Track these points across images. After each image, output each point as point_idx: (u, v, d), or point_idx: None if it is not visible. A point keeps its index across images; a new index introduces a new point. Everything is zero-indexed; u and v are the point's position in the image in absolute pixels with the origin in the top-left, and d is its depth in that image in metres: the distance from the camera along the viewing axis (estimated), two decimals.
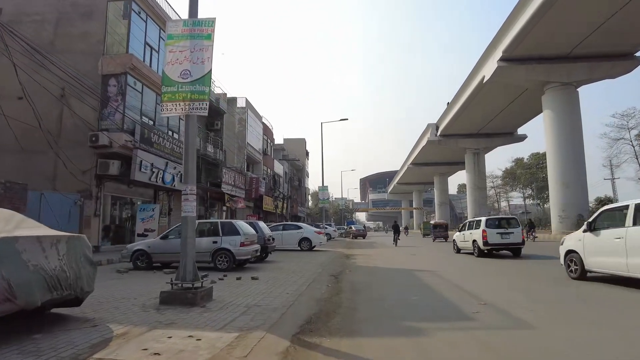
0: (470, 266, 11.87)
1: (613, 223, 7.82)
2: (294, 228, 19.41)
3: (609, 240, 7.53)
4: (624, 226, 7.19)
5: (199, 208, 25.17)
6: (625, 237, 7.09)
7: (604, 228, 7.90)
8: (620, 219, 7.50)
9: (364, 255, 16.80)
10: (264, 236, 12.57)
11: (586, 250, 8.15)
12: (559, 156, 27.49)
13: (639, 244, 6.78)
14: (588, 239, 8.14)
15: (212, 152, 24.76)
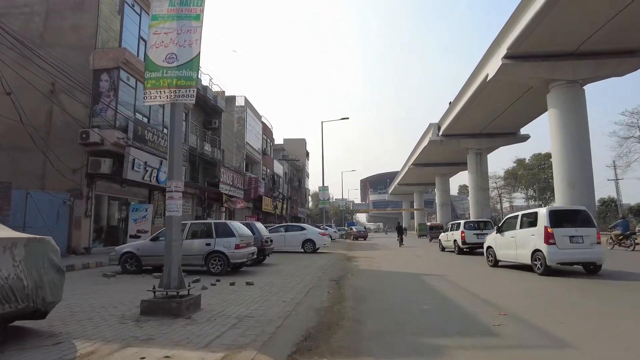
0: (476, 269, 11.23)
1: (510, 227, 11.22)
2: (297, 229, 18.78)
3: (507, 238, 11.12)
4: (515, 229, 10.85)
5: (196, 209, 24.57)
6: (515, 236, 10.78)
7: (506, 230, 11.36)
8: (514, 224, 11.05)
9: (366, 257, 16.15)
10: (261, 238, 11.92)
11: (497, 245, 11.68)
12: (565, 156, 26.82)
13: (522, 240, 10.42)
14: (498, 238, 11.64)
15: (210, 151, 24.12)
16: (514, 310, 5.49)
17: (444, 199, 67.16)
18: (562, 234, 9.51)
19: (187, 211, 23.23)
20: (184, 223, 10.26)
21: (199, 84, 23.10)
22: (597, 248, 9.70)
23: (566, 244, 9.47)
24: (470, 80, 36.75)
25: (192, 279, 8.50)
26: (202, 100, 24.17)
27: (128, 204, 17.56)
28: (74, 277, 9.51)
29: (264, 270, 10.78)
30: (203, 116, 25.82)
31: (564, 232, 9.55)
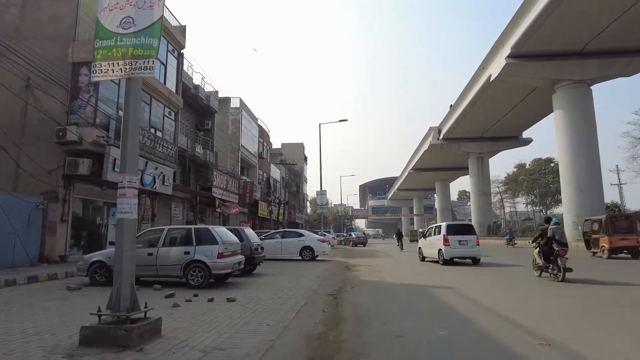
0: (488, 281, 10.07)
1: (429, 234, 16.47)
2: (295, 235, 17.61)
3: (428, 242, 16.28)
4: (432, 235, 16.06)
5: (187, 214, 23.38)
6: (431, 241, 16.01)
7: (428, 236, 16.71)
8: (431, 232, 16.34)
9: (366, 265, 14.97)
10: (251, 245, 10.76)
11: (423, 247, 17.12)
12: (572, 158, 25.80)
13: (434, 243, 15.41)
14: (424, 242, 17.24)
15: (202, 153, 22.97)
16: (555, 338, 4.34)
17: (444, 204, 66.10)
18: (454, 239, 14.66)
19: (178, 216, 22.06)
20: (160, 229, 9.14)
21: (190, 83, 22.03)
22: (476, 248, 14.75)
23: (456, 245, 14.64)
24: (472, 82, 35.86)
25: (166, 293, 7.34)
26: (194, 100, 23.08)
27: (110, 207, 16.38)
28: (33, 290, 8.34)
29: (253, 282, 9.60)
30: (195, 117, 24.72)
31: (455, 238, 14.69)
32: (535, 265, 10.11)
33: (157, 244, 8.61)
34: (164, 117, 18.57)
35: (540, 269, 9.88)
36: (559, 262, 9.09)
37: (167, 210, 21.08)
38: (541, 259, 9.71)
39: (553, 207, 75.37)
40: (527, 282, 9.45)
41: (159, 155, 17.36)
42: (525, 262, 12.93)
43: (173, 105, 19.26)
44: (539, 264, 9.81)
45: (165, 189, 17.76)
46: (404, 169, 76.81)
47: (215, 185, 24.48)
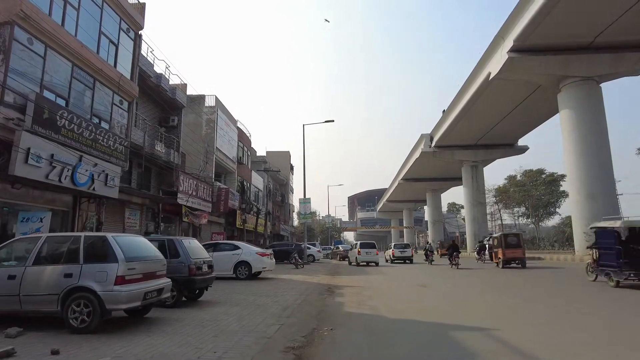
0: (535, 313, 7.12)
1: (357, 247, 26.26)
2: (229, 248, 14.55)
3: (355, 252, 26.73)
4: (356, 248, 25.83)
5: (146, 223, 20.07)
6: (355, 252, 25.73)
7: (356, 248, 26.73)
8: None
9: (354, 287, 11.90)
10: (189, 263, 7.63)
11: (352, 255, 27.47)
12: (582, 163, 23.28)
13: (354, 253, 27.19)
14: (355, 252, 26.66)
15: (164, 152, 19.81)
16: None
17: (435, 216, 63.49)
18: (364, 251, 25.35)
19: (134, 226, 18.74)
20: (35, 237, 5.99)
21: (150, 71, 18.97)
22: (376, 256, 25.57)
23: (364, 254, 25.20)
24: (467, 84, 33.50)
25: (4, 347, 4.19)
26: (156, 92, 20.01)
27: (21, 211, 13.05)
28: None
29: (184, 318, 6.50)
30: (159, 112, 21.60)
31: (364, 250, 25.37)
32: None
33: (26, 261, 5.45)
34: (112, 105, 15.44)
35: None
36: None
37: (119, 218, 17.79)
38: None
39: (545, 219, 73.61)
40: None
41: (102, 149, 14.19)
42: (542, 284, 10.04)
43: (126, 93, 16.17)
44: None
45: (108, 191, 14.52)
46: (394, 180, 74.29)
47: (181, 190, 21.26)
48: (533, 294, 9.61)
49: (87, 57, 13.57)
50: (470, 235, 44.51)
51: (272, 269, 14.60)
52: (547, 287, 10.83)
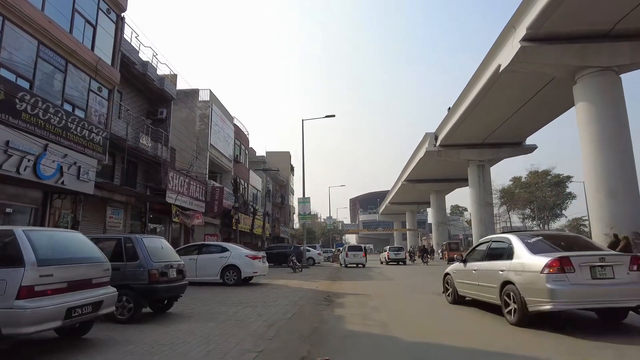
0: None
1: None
2: (216, 250, 13.01)
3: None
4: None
5: (131, 223, 18.55)
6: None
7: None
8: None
9: (357, 295, 10.29)
10: (150, 267, 6.07)
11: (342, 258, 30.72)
12: (601, 159, 21.63)
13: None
14: (342, 255, 30.83)
15: (150, 146, 18.29)
16: None
17: (440, 217, 61.74)
18: (351, 253, 28.96)
19: (116, 226, 17.22)
20: None
21: (135, 57, 17.47)
22: (362, 258, 28.90)
23: (352, 257, 28.67)
24: (474, 79, 31.88)
25: None
26: (142, 82, 18.52)
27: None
28: None
29: (133, 338, 4.98)
30: (146, 104, 20.13)
31: (352, 253, 29.06)
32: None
33: None
34: (89, 92, 13.95)
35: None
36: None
37: (100, 216, 16.27)
38: None
39: (551, 221, 71.85)
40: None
41: (75, 139, 12.69)
42: None
43: (105, 79, 14.69)
44: None
45: (81, 186, 12.99)
46: (397, 181, 72.63)
47: (170, 188, 19.74)
48: None
49: (56, 35, 12.07)
50: (476, 237, 42.72)
51: (264, 273, 13.04)
52: None
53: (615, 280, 5.56)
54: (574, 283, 5.43)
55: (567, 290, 5.41)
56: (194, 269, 12.26)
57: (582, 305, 5.64)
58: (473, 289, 7.42)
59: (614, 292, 5.56)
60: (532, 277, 5.72)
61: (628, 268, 5.64)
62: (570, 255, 5.66)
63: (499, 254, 6.86)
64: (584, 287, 5.48)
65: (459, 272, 8.03)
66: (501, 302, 6.30)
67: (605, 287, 5.52)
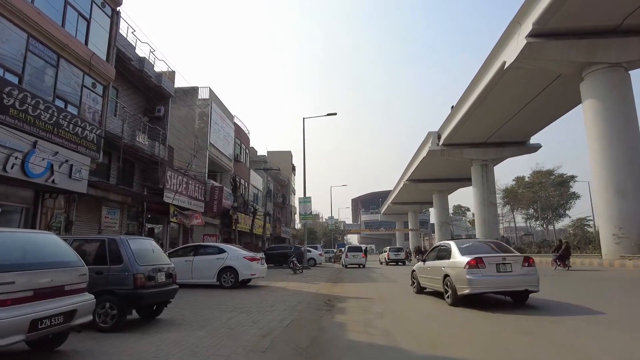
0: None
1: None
2: (213, 252, 12.46)
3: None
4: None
5: (127, 223, 18.13)
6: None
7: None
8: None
9: (359, 299, 9.80)
10: (135, 271, 5.61)
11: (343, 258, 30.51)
12: (610, 157, 21.12)
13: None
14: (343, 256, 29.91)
15: (147, 144, 17.86)
16: None
17: (443, 217, 61.20)
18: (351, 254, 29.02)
19: (112, 226, 16.80)
20: None
21: (131, 53, 17.03)
22: (362, 259, 28.83)
23: (351, 257, 28.80)
24: (478, 76, 31.39)
25: None
26: (138, 78, 18.09)
27: None
28: None
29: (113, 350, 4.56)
30: (143, 101, 19.69)
31: (351, 254, 29.02)
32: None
33: None
34: (82, 88, 13.52)
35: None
36: None
37: (95, 216, 15.84)
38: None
39: (554, 221, 71.11)
40: None
41: (67, 136, 12.26)
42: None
43: (100, 75, 14.26)
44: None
45: (73, 185, 12.56)
46: (399, 181, 72.10)
47: (168, 187, 19.31)
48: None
49: (47, 28, 11.64)
50: (480, 236, 42.20)
51: (263, 275, 12.58)
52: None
53: (513, 273, 8.01)
54: (484, 275, 7.89)
55: (480, 279, 7.85)
56: (189, 270, 11.82)
57: (490, 290, 8.07)
58: (428, 281, 10.00)
59: (511, 281, 8.00)
60: (459, 271, 8.11)
61: (521, 265, 8.09)
62: (483, 256, 8.05)
63: (443, 255, 9.23)
64: (491, 277, 7.90)
65: (420, 269, 10.52)
66: (443, 289, 8.74)
67: (505, 277, 7.98)
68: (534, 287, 7.95)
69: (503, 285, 7.94)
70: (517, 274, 7.95)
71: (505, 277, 7.90)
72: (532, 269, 8.11)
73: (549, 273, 16.10)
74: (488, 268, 7.85)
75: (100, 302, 5.33)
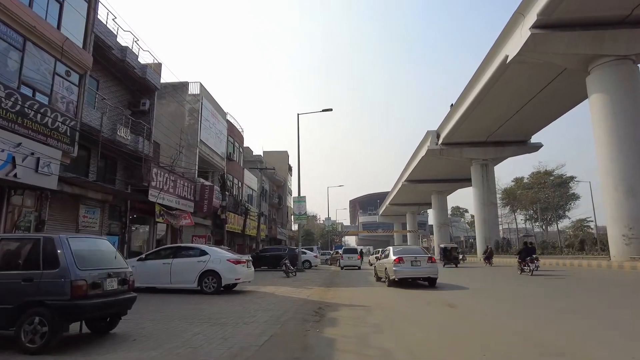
0: None
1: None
2: (194, 254, 11.33)
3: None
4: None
5: (109, 223, 17.01)
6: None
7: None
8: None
9: (353, 306, 8.71)
10: (74, 277, 4.49)
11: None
12: (619, 154, 20.16)
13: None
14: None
15: (130, 139, 16.74)
16: None
17: (442, 218, 60.19)
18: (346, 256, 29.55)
19: (92, 226, 15.67)
20: None
21: (112, 41, 15.92)
22: (357, 261, 29.08)
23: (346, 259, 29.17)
24: (479, 72, 30.42)
25: None
26: (120, 69, 16.98)
27: None
28: None
29: None
30: (127, 94, 18.59)
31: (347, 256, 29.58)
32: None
33: None
34: (54, 75, 12.42)
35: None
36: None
37: (71, 216, 14.72)
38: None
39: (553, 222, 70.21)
40: None
41: (34, 127, 11.15)
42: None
43: (75, 62, 13.17)
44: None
45: (40, 180, 11.45)
46: (397, 182, 71.11)
47: (153, 185, 18.20)
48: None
49: (9, 7, 10.57)
50: (480, 238, 41.26)
51: (249, 279, 11.49)
52: None
53: (421, 266, 12.83)
54: (403, 268, 12.79)
55: (401, 270, 12.77)
56: (168, 274, 10.72)
57: (407, 277, 13.07)
58: (380, 272, 15.22)
59: (420, 271, 12.94)
60: (390, 265, 13.01)
61: (427, 261, 12.93)
62: (403, 256, 13.02)
63: (387, 255, 14.33)
64: (408, 269, 12.81)
65: (377, 264, 16.26)
66: (385, 277, 13.81)
67: (416, 269, 12.90)
68: (435, 275, 13.00)
69: (415, 273, 13.01)
70: (424, 267, 12.89)
71: (416, 269, 12.90)
72: (434, 264, 13.20)
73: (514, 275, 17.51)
74: (406, 263, 12.84)
75: (28, 317, 4.25)
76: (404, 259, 12.61)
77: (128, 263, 12.08)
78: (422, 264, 12.60)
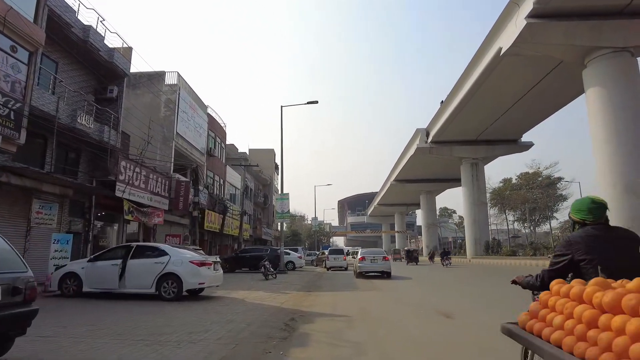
0: None
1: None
2: (152, 254, 9.90)
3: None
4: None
5: (69, 220, 15.41)
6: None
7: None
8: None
9: (332, 315, 7.37)
10: None
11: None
12: (616, 151, 19.28)
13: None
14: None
15: (93, 128, 15.16)
16: None
17: (430, 219, 59.34)
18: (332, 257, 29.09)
19: (48, 223, 14.04)
20: None
21: (71, 18, 14.33)
22: (344, 262, 28.24)
23: (332, 260, 28.51)
24: (470, 67, 29.45)
25: None
26: (83, 51, 15.39)
27: None
28: None
29: None
30: (92, 79, 17.00)
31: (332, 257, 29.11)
32: None
33: None
34: (7, 58, 10.87)
35: None
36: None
37: (22, 211, 13.12)
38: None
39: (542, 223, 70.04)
40: None
41: None
42: None
43: (22, 37, 11.63)
44: None
45: None
46: (385, 181, 70.17)
47: (121, 179, 16.64)
48: None
49: None
50: (470, 239, 40.41)
51: (216, 284, 10.10)
52: None
53: (377, 264, 18.23)
54: (365, 264, 18.27)
55: (363, 266, 18.35)
56: (121, 277, 9.28)
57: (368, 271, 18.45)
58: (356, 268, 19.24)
59: (377, 267, 18.34)
60: (357, 262, 19.05)
61: (382, 259, 18.34)
62: (365, 255, 18.67)
63: (355, 255, 24.49)
64: (368, 265, 18.33)
65: (354, 262, 21.33)
66: (354, 270, 20.12)
67: (374, 265, 18.30)
68: (388, 269, 18.03)
69: (373, 269, 18.08)
70: (380, 264, 17.91)
71: (375, 265, 17.95)
72: (387, 262, 18.20)
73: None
74: (367, 261, 18.05)
75: None
76: (366, 257, 18.21)
77: (74, 264, 10.64)
78: (379, 262, 18.02)
